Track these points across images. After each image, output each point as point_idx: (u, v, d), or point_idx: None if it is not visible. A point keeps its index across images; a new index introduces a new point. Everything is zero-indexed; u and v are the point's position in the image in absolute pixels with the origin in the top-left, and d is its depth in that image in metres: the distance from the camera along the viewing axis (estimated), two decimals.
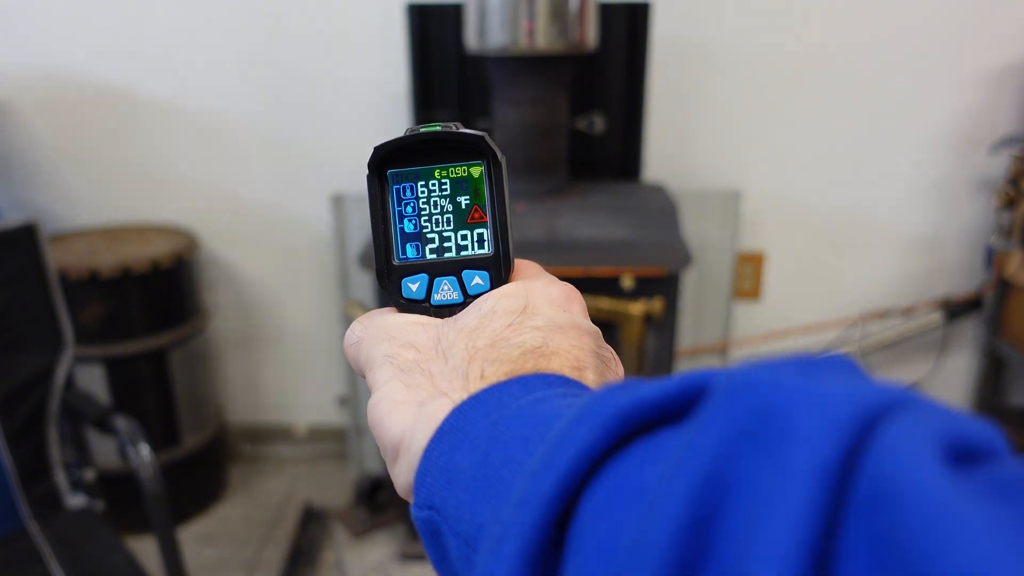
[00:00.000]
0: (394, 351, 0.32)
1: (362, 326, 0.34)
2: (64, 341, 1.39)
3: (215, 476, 2.06)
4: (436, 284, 0.34)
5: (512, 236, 0.34)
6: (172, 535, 1.24)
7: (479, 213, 0.34)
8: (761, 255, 2.02)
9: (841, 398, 0.18)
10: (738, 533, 0.18)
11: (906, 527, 0.16)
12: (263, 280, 2.08)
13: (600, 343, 0.33)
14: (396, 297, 0.35)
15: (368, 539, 1.87)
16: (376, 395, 0.31)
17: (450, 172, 0.34)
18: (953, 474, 0.17)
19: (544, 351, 0.30)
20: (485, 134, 0.33)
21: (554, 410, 0.26)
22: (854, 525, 0.17)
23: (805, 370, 0.21)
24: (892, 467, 0.17)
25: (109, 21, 1.86)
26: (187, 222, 1.99)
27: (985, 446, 0.18)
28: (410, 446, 0.29)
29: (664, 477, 0.20)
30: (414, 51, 1.71)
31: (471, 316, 0.32)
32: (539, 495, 0.22)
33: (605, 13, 1.65)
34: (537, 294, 0.33)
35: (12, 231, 1.32)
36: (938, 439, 0.17)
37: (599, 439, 0.22)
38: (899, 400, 0.19)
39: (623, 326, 1.50)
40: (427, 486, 0.27)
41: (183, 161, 1.97)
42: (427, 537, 0.28)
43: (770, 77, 1.87)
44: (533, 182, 1.61)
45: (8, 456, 1.31)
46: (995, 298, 1.97)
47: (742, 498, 0.18)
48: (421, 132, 0.34)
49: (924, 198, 1.96)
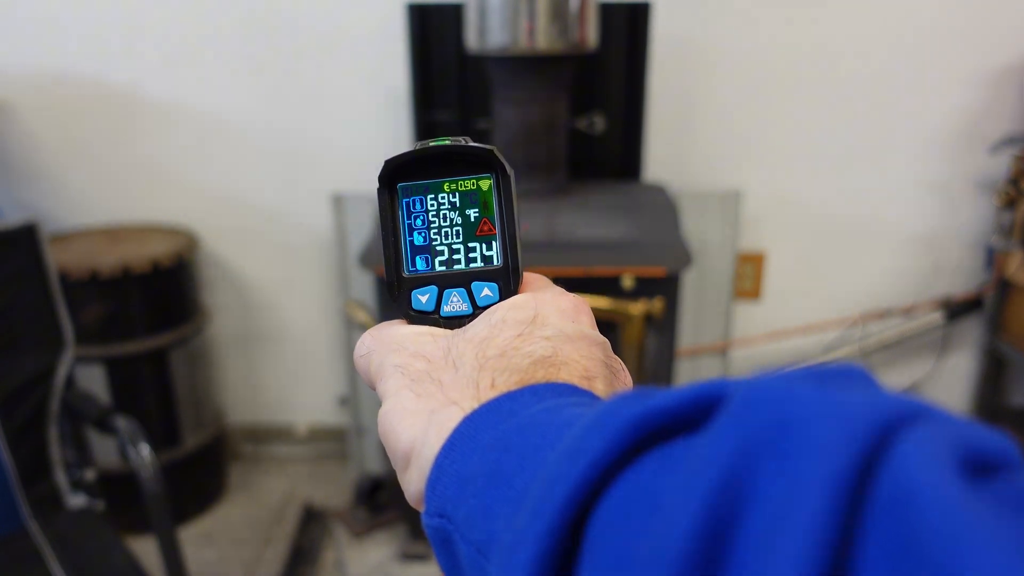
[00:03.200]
0: (404, 361, 0.32)
1: (372, 337, 0.35)
2: (64, 341, 1.39)
3: (215, 476, 2.06)
4: (446, 296, 0.35)
5: (521, 248, 0.35)
6: (172, 535, 1.24)
7: (488, 226, 0.35)
8: (761, 255, 2.02)
9: (857, 409, 0.18)
10: (754, 544, 0.18)
11: (922, 538, 0.16)
12: (263, 280, 2.08)
13: (609, 353, 0.33)
14: (406, 309, 0.35)
15: (368, 539, 1.87)
16: (386, 405, 0.31)
17: (459, 185, 0.35)
18: (969, 485, 0.17)
19: (554, 361, 0.30)
20: (494, 148, 0.34)
21: (566, 419, 0.26)
22: (870, 536, 0.17)
23: (820, 380, 0.20)
24: (908, 478, 0.17)
25: (110, 21, 1.86)
26: (187, 222, 1.99)
27: (1000, 458, 0.18)
28: (421, 454, 0.29)
29: (679, 487, 0.20)
30: (414, 51, 1.71)
31: (481, 327, 0.32)
32: (553, 503, 0.22)
33: (605, 13, 1.65)
34: (546, 305, 0.33)
35: (12, 231, 1.32)
36: (954, 450, 0.17)
37: (613, 448, 0.22)
38: (914, 411, 0.19)
39: (623, 326, 1.50)
40: (438, 494, 0.27)
41: (183, 161, 1.97)
42: (438, 545, 0.28)
43: (770, 77, 1.87)
44: (533, 182, 1.61)
45: (8, 456, 1.31)
46: (995, 298, 1.97)
47: (758, 508, 0.18)
48: (431, 146, 0.34)
49: (924, 198, 1.96)
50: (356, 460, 2.04)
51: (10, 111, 1.94)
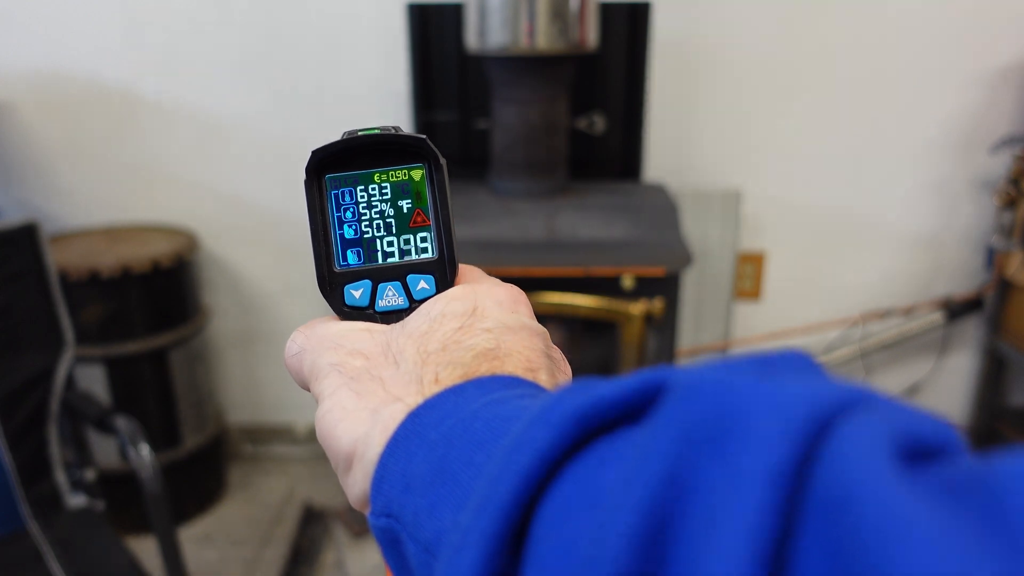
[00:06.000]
0: (340, 359, 0.31)
1: (304, 336, 0.33)
2: (64, 341, 1.39)
3: (215, 476, 2.06)
4: (380, 290, 0.34)
5: (456, 239, 0.34)
6: (172, 535, 1.24)
7: (421, 216, 0.34)
8: (761, 255, 2.02)
9: (795, 399, 0.18)
10: (693, 539, 0.18)
11: (858, 530, 0.16)
12: (263, 280, 2.08)
13: (549, 344, 0.32)
14: (339, 305, 0.34)
15: (368, 539, 1.87)
16: (324, 405, 0.30)
17: (390, 176, 0.34)
18: (906, 474, 0.16)
19: (497, 353, 0.30)
20: (425, 136, 0.33)
21: (512, 411, 0.25)
22: (808, 529, 0.17)
23: (760, 370, 0.20)
24: (845, 470, 0.17)
25: (109, 21, 1.86)
26: (187, 222, 1.99)
27: (940, 444, 0.18)
28: (364, 454, 0.28)
29: (619, 483, 0.20)
30: (414, 51, 1.71)
31: (420, 320, 0.32)
32: (497, 502, 0.22)
33: (605, 13, 1.65)
34: (485, 296, 0.32)
35: (12, 231, 1.32)
36: (892, 438, 0.17)
37: (557, 441, 0.22)
38: (854, 399, 0.19)
39: (623, 326, 1.50)
40: (384, 493, 0.27)
41: (183, 161, 1.97)
42: (386, 546, 0.27)
43: (770, 77, 1.87)
44: (533, 182, 1.61)
45: (8, 456, 1.31)
46: (996, 298, 1.97)
47: (697, 503, 0.18)
48: (359, 135, 0.33)
49: (925, 198, 1.96)
50: None
51: (10, 111, 1.93)
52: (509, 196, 1.61)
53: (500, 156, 1.61)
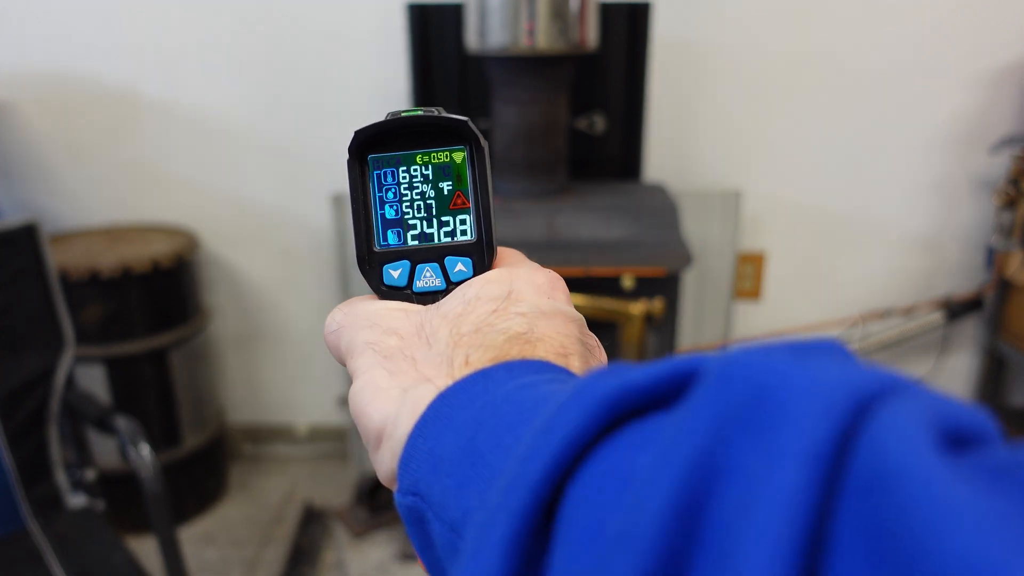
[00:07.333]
0: (376, 338, 0.32)
1: (342, 313, 0.34)
2: (64, 341, 1.39)
3: (215, 476, 2.06)
4: (418, 271, 0.34)
5: (495, 222, 0.34)
6: (172, 535, 1.24)
7: (462, 199, 0.34)
8: (761, 255, 2.02)
9: (834, 382, 0.18)
10: (729, 519, 0.17)
11: (900, 511, 0.15)
12: (263, 280, 2.08)
13: (584, 330, 0.32)
14: (377, 284, 0.34)
15: (368, 539, 1.87)
16: (358, 382, 0.31)
17: (432, 157, 0.34)
18: (947, 458, 0.16)
19: (529, 337, 0.30)
20: (467, 119, 0.33)
21: (541, 396, 0.25)
22: (847, 509, 0.16)
23: (797, 354, 0.20)
24: (886, 451, 0.16)
25: (109, 21, 1.86)
26: (187, 222, 1.99)
27: (977, 432, 0.18)
28: (393, 432, 0.28)
29: (653, 463, 0.19)
30: (414, 51, 1.71)
31: (455, 302, 0.32)
32: (527, 481, 0.22)
33: (605, 13, 1.65)
34: (521, 281, 0.32)
35: (12, 231, 1.32)
36: (931, 424, 0.17)
37: (588, 424, 0.22)
38: (892, 385, 0.18)
39: (623, 326, 1.50)
40: (411, 472, 0.27)
41: (183, 161, 1.97)
42: (411, 524, 0.28)
43: (770, 77, 1.88)
44: (533, 182, 1.61)
45: (9, 456, 1.31)
46: (995, 298, 1.97)
47: (733, 484, 0.18)
48: (403, 116, 0.33)
49: (924, 198, 1.96)
50: (356, 460, 2.04)
51: (10, 111, 1.94)
52: (509, 196, 1.62)
53: (500, 156, 1.61)
